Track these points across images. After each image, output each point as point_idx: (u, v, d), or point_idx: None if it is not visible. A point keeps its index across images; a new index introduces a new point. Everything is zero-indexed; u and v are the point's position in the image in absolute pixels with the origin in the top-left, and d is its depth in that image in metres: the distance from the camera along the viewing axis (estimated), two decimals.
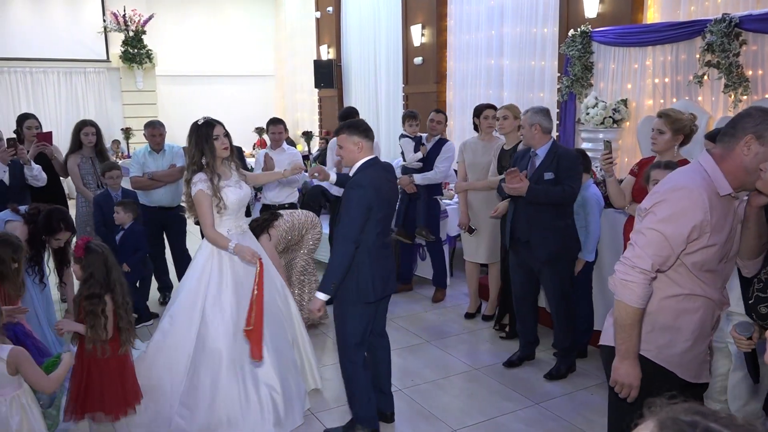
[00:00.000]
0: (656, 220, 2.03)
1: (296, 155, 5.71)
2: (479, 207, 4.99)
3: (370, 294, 3.14)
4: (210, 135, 3.39)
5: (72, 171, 5.23)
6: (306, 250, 4.94)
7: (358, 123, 3.28)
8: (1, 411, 2.42)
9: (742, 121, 2.02)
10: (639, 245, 2.05)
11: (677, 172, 2.19)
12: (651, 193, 2.17)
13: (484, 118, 4.94)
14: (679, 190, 2.04)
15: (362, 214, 3.02)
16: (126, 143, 11.94)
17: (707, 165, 2.08)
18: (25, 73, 11.64)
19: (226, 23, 13.31)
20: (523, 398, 3.83)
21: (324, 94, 11.43)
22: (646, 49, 5.41)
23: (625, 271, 2.05)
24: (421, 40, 8.54)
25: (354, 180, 3.10)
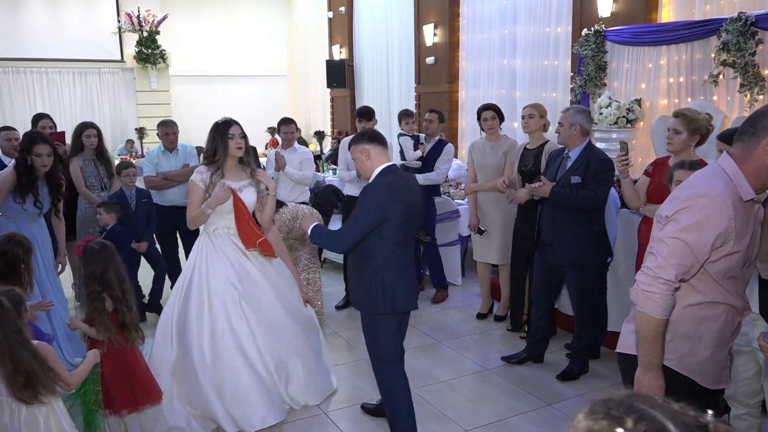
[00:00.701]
0: (679, 228, 1.96)
1: (308, 155, 5.71)
2: (488, 208, 4.96)
3: (389, 305, 3.06)
4: (225, 133, 3.49)
5: (75, 173, 5.24)
6: (309, 247, 4.99)
7: (363, 132, 3.21)
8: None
9: (763, 119, 1.94)
10: (661, 255, 1.98)
11: (698, 176, 2.11)
12: (671, 199, 2.10)
13: (484, 120, 4.90)
14: (703, 197, 1.96)
15: (372, 217, 2.94)
16: (140, 143, 12.03)
17: (729, 168, 2.01)
18: (41, 73, 11.76)
19: (239, 23, 13.37)
20: (536, 399, 3.81)
21: (336, 93, 11.45)
22: (660, 49, 5.37)
23: (647, 282, 1.98)
24: (433, 39, 8.53)
25: (370, 183, 3.04)
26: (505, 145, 4.88)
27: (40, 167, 4.01)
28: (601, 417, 0.87)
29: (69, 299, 5.64)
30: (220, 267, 3.49)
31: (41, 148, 3.98)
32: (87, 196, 5.25)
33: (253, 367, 3.43)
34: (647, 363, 2.03)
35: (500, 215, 4.92)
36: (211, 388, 3.35)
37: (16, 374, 2.36)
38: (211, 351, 3.40)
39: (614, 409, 0.86)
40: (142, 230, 5.12)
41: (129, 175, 5.11)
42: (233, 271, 3.51)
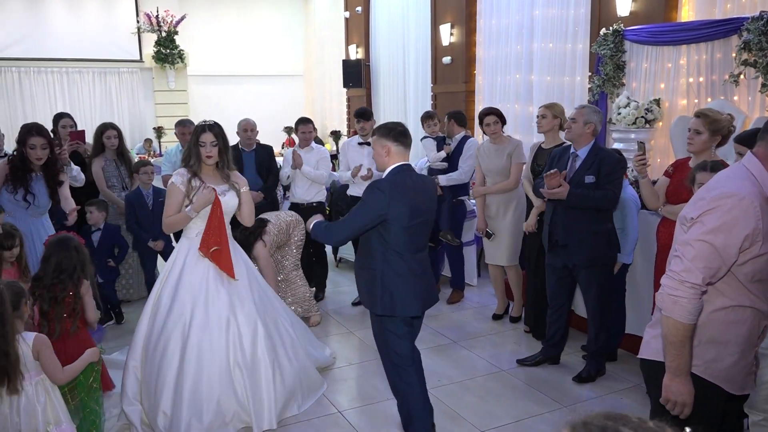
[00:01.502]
0: (705, 230, 1.92)
1: (324, 154, 5.73)
2: (497, 211, 4.95)
3: (407, 308, 3.03)
4: (197, 141, 3.41)
5: (96, 174, 5.31)
6: (294, 248, 5.03)
7: (392, 126, 3.10)
8: (28, 392, 2.55)
9: None
10: (687, 258, 1.93)
11: (723, 177, 2.06)
12: (695, 200, 2.05)
13: (486, 125, 4.86)
14: (729, 197, 1.92)
15: (370, 217, 2.92)
16: (158, 142, 12.14)
17: (754, 168, 1.98)
18: (62, 73, 11.91)
19: (256, 23, 13.44)
20: (551, 401, 3.79)
21: (352, 93, 11.47)
22: (680, 48, 5.31)
23: (674, 287, 1.94)
24: (449, 39, 8.51)
25: (376, 182, 3.01)
26: (509, 146, 4.85)
27: (34, 159, 4.02)
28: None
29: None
30: (201, 272, 3.42)
31: (35, 139, 3.99)
32: (108, 196, 5.32)
33: (230, 374, 3.37)
34: (675, 368, 1.99)
35: (509, 218, 4.91)
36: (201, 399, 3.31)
37: None
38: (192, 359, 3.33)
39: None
40: (158, 229, 5.16)
41: (146, 173, 5.16)
42: (215, 273, 3.45)
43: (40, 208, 4.14)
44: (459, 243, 5.47)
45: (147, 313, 3.50)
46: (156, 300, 3.47)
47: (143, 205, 5.12)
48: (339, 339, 4.89)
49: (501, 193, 4.89)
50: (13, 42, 11.47)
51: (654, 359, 2.16)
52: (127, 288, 5.68)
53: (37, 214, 4.14)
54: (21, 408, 2.53)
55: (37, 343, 2.59)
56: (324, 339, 4.91)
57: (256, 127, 5.58)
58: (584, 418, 0.90)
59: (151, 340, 3.40)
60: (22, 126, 4.18)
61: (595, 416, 0.90)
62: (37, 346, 2.59)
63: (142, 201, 5.11)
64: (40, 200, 4.11)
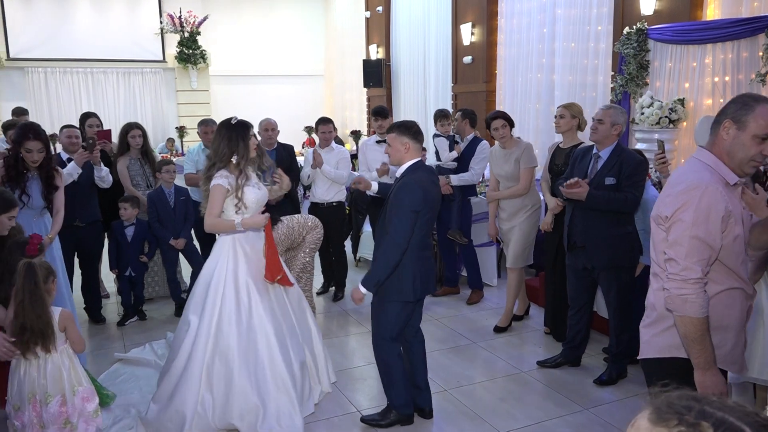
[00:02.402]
0: (686, 226, 2.02)
1: (344, 154, 5.74)
2: (509, 215, 4.90)
3: (410, 294, 3.25)
4: (246, 135, 3.46)
5: (122, 173, 5.39)
6: (308, 250, 5.00)
7: (410, 124, 3.31)
8: (54, 358, 2.87)
9: (726, 107, 2.09)
10: (681, 257, 2.02)
11: (682, 172, 2.17)
12: (663, 197, 2.16)
13: (494, 129, 4.81)
14: (695, 188, 2.03)
15: (413, 218, 3.10)
16: (180, 141, 12.27)
17: (707, 159, 2.12)
18: (87, 73, 12.10)
19: (277, 24, 13.52)
20: (572, 403, 3.76)
21: (373, 93, 11.48)
22: (705, 47, 5.23)
23: (678, 287, 2.02)
24: (470, 39, 8.48)
25: (404, 183, 3.15)
26: (517, 150, 4.78)
27: (30, 162, 4.01)
28: (675, 423, 0.86)
29: (112, 293, 5.82)
30: (245, 268, 3.51)
31: (32, 144, 3.94)
32: (133, 194, 5.40)
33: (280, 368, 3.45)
34: (703, 363, 2.04)
35: (519, 221, 4.85)
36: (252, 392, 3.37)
37: (20, 326, 2.76)
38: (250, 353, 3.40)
39: (686, 414, 0.86)
40: (180, 227, 5.23)
41: (168, 171, 5.22)
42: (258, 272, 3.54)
43: (34, 209, 4.04)
44: (467, 241, 5.46)
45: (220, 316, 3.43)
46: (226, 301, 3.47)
47: (165, 203, 5.18)
48: (358, 338, 4.90)
49: (512, 198, 4.85)
50: (40, 43, 11.68)
51: (658, 357, 2.23)
52: (153, 286, 5.76)
53: (33, 215, 4.05)
54: (47, 372, 2.84)
55: (63, 317, 2.91)
56: (343, 338, 4.93)
57: (277, 126, 5.62)
58: (668, 398, 0.90)
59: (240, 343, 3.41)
60: (19, 126, 4.16)
61: (679, 396, 0.90)
62: (63, 320, 2.91)
63: (164, 199, 5.17)
64: (35, 201, 4.03)
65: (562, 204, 4.24)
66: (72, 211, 4.81)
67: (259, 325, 3.43)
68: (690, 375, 2.09)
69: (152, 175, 5.53)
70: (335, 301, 5.75)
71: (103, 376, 4.11)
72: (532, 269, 6.18)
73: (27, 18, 11.56)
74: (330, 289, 5.98)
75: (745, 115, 2.03)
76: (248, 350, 3.39)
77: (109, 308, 5.58)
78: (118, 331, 5.09)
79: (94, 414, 2.97)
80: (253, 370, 3.37)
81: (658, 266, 2.21)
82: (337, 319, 5.35)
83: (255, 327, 3.42)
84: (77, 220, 4.86)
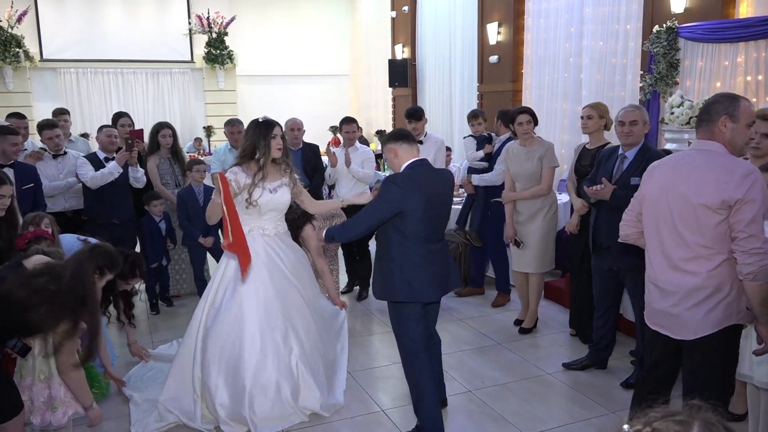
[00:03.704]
0: (759, 205, 2.31)
1: (369, 154, 5.76)
2: (527, 218, 4.77)
3: (397, 293, 3.17)
4: (269, 133, 3.47)
5: (152, 171, 5.50)
6: (333, 246, 5.08)
7: (392, 133, 3.34)
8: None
9: (714, 106, 2.48)
10: (760, 233, 2.31)
11: (723, 161, 2.42)
12: (720, 184, 2.37)
13: (518, 124, 4.68)
14: (753, 171, 2.36)
15: (386, 210, 3.08)
16: (207, 141, 12.41)
17: (721, 149, 2.46)
18: (117, 73, 12.30)
19: (303, 24, 13.59)
20: (598, 406, 3.72)
21: (398, 93, 11.49)
22: (738, 45, 5.13)
23: (762, 259, 2.32)
24: (497, 38, 8.43)
25: (390, 177, 3.15)
26: (540, 149, 4.69)
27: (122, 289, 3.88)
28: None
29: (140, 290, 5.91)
30: (254, 274, 3.50)
31: (135, 281, 3.85)
32: (162, 193, 5.50)
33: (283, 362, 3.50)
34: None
35: (538, 224, 4.74)
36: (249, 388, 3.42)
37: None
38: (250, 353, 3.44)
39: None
40: (208, 225, 5.28)
41: (199, 171, 5.29)
42: (266, 272, 3.54)
43: None
44: (482, 244, 5.41)
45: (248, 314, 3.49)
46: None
47: (195, 201, 5.25)
48: (381, 338, 4.91)
49: (533, 198, 4.72)
50: (72, 44, 11.91)
51: (715, 330, 2.46)
52: (180, 283, 5.85)
53: None
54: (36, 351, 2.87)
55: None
56: (367, 338, 4.94)
57: (302, 126, 5.65)
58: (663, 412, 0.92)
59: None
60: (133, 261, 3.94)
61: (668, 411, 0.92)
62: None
63: (193, 198, 5.24)
64: None
65: (587, 205, 4.19)
66: (110, 209, 4.94)
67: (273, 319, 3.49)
68: (737, 337, 2.56)
69: (181, 174, 5.62)
70: (359, 300, 5.77)
71: (132, 371, 4.18)
72: (558, 271, 6.13)
73: (60, 20, 11.80)
74: (354, 289, 6.00)
75: (736, 110, 2.43)
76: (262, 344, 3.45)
77: (138, 305, 5.67)
78: (146, 327, 5.18)
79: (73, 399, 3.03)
80: (263, 363, 3.43)
81: (705, 249, 2.44)
82: (362, 318, 5.37)
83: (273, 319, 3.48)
84: (114, 218, 4.99)
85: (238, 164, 3.50)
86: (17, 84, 11.44)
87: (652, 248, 2.67)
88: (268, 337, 3.46)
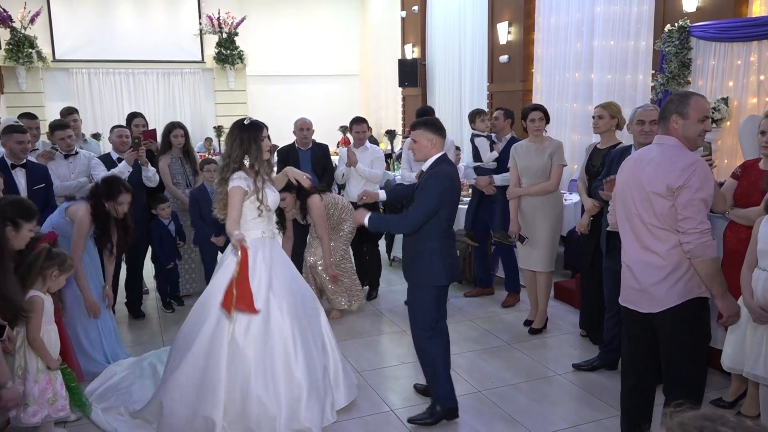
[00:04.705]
0: (695, 189, 2.56)
1: (379, 153, 5.76)
2: (533, 214, 4.77)
3: (442, 277, 3.38)
4: (258, 136, 3.41)
5: (163, 171, 5.53)
6: (341, 242, 5.15)
7: (434, 121, 3.49)
8: (51, 336, 3.18)
9: (668, 105, 2.74)
10: (696, 213, 2.55)
11: (670, 153, 2.67)
12: (665, 173, 2.62)
13: (531, 120, 4.71)
14: (695, 162, 2.60)
15: (437, 204, 3.25)
16: (218, 141, 12.46)
17: (675, 143, 2.71)
18: (128, 74, 12.38)
19: (313, 24, 13.62)
20: (608, 407, 3.70)
21: (408, 93, 11.48)
22: (750, 45, 5.09)
23: (698, 236, 2.55)
24: (507, 37, 8.41)
25: (434, 172, 3.32)
26: (550, 146, 4.71)
27: (121, 213, 4.11)
28: None
29: (151, 289, 5.96)
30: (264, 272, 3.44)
31: (124, 197, 4.01)
32: (174, 193, 5.55)
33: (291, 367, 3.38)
34: (724, 292, 2.65)
35: (545, 222, 4.74)
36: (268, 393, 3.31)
37: None
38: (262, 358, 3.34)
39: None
40: (220, 225, 5.30)
41: (210, 171, 5.31)
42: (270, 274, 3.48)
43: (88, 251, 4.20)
44: (512, 242, 5.39)
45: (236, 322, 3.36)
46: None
47: (207, 200, 5.26)
48: (391, 338, 4.91)
49: (540, 195, 4.72)
50: (84, 45, 12.00)
51: (679, 303, 2.68)
52: (191, 282, 5.87)
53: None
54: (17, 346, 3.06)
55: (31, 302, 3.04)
56: (377, 338, 4.95)
57: (312, 126, 5.67)
58: (681, 419, 0.89)
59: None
60: (108, 181, 4.16)
61: (693, 417, 0.89)
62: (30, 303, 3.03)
63: (206, 197, 5.26)
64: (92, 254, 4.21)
65: (598, 205, 4.18)
66: None
67: (278, 331, 3.36)
68: (703, 310, 2.73)
69: (192, 174, 5.65)
70: (369, 300, 5.78)
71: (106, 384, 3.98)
72: (567, 271, 6.11)
73: (72, 20, 11.89)
74: (364, 288, 6.00)
75: (685, 108, 2.67)
76: (264, 356, 3.31)
77: (149, 304, 5.72)
78: (157, 327, 5.22)
79: (49, 401, 3.12)
80: (270, 377, 3.30)
81: (662, 231, 2.68)
82: (371, 318, 5.37)
83: (273, 333, 3.35)
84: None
85: (239, 169, 3.40)
86: (30, 84, 11.54)
87: (625, 233, 2.90)
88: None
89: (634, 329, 2.93)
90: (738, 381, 3.56)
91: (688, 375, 2.77)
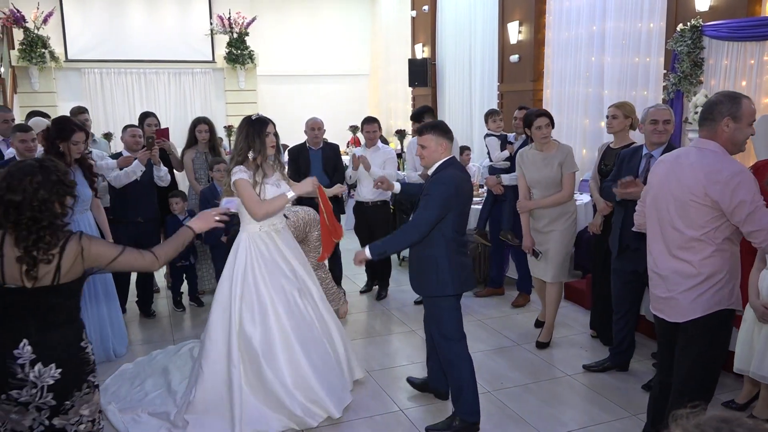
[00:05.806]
0: (751, 199, 2.48)
1: (391, 154, 5.76)
2: (546, 225, 4.52)
3: (449, 287, 3.29)
4: (263, 131, 3.51)
5: (187, 165, 5.62)
6: (314, 253, 4.84)
7: (443, 125, 3.42)
8: None
9: (718, 107, 2.61)
10: (763, 220, 2.48)
11: (713, 160, 2.57)
12: (711, 184, 2.53)
13: (537, 128, 4.41)
14: (741, 172, 2.52)
15: (441, 209, 3.18)
16: (228, 140, 12.51)
17: (716, 147, 2.60)
18: (140, 73, 12.44)
19: (323, 24, 13.63)
20: (619, 408, 3.68)
21: (418, 92, 11.47)
22: (764, 44, 5.05)
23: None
24: (518, 37, 8.38)
25: (438, 176, 3.25)
26: (559, 154, 4.43)
27: (76, 154, 4.12)
28: None
29: (162, 287, 6.00)
30: (273, 267, 3.59)
31: (78, 135, 4.04)
32: (195, 188, 5.62)
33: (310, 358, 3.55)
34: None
35: (558, 232, 4.50)
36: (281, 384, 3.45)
37: None
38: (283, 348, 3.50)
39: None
40: (231, 224, 5.32)
41: (220, 170, 5.33)
42: (286, 266, 3.64)
43: (85, 202, 4.24)
44: (519, 242, 5.37)
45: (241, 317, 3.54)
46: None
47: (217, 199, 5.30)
48: (401, 337, 4.92)
49: (555, 206, 4.47)
50: (96, 45, 12.07)
51: (704, 314, 2.62)
52: (201, 280, 5.90)
53: (82, 209, 4.21)
54: None
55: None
56: (386, 337, 4.95)
57: (323, 125, 5.68)
58: (698, 421, 0.89)
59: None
60: (58, 121, 4.18)
61: (709, 419, 0.89)
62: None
63: (216, 196, 5.28)
64: (85, 193, 4.20)
65: (611, 205, 4.15)
66: (134, 208, 5.02)
67: (278, 325, 3.50)
68: (728, 321, 2.68)
69: None
70: (378, 300, 5.78)
71: (117, 387, 4.02)
72: (578, 272, 6.08)
73: (84, 21, 11.97)
74: (373, 288, 6.01)
75: (738, 111, 2.57)
76: (269, 350, 3.47)
77: (160, 303, 5.75)
78: (168, 325, 5.24)
79: None
80: (276, 369, 3.45)
81: (697, 241, 2.60)
82: (381, 318, 5.37)
83: (272, 327, 3.49)
84: (139, 216, 5.06)
85: (240, 163, 3.53)
86: (43, 84, 11.62)
87: (653, 237, 2.81)
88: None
89: (664, 336, 2.90)
90: (750, 384, 3.53)
91: (702, 381, 2.74)
